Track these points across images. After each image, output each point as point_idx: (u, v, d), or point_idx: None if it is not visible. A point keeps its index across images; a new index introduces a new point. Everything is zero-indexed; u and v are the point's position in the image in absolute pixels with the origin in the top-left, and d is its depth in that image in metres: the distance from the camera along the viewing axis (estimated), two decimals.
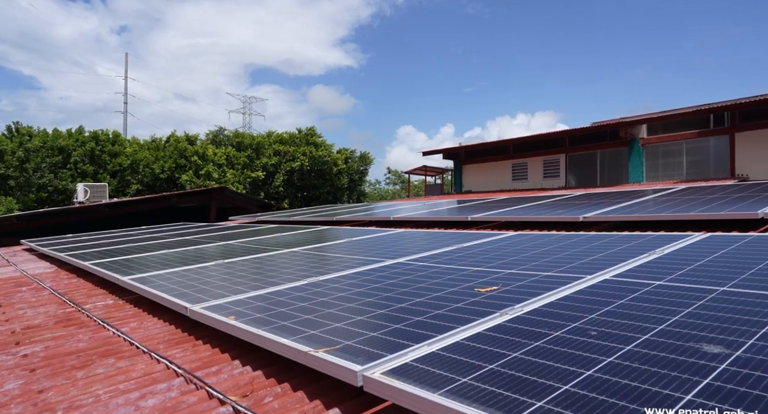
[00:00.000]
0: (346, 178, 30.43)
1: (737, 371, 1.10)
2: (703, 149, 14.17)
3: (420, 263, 2.92)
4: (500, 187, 17.91)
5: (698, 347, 1.26)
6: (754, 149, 12.73)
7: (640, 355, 1.25)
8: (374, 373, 1.27)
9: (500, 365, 1.27)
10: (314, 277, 2.71)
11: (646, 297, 1.76)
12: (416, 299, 2.03)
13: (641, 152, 15.01)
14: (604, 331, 1.45)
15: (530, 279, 2.23)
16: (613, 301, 1.74)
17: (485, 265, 2.68)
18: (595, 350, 1.31)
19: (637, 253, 2.59)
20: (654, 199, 5.17)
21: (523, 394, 1.09)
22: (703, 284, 1.85)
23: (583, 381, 1.13)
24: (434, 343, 1.47)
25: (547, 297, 1.89)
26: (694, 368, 1.14)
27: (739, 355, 1.19)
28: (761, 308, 1.51)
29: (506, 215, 5.12)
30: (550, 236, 3.51)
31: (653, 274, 2.08)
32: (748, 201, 4.01)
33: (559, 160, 16.81)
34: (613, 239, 3.13)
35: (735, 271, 1.98)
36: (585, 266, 2.40)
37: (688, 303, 1.64)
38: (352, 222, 7.27)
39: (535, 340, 1.42)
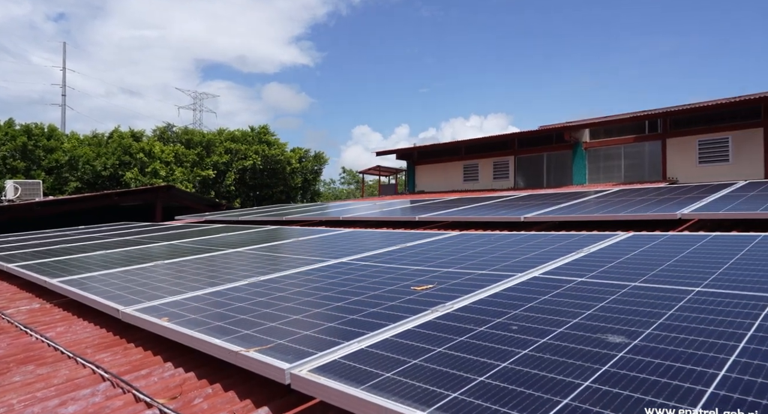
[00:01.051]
0: (299, 177, 30.09)
1: (632, 358, 1.21)
2: (639, 153, 15.01)
3: (363, 263, 2.96)
4: (452, 188, 18.26)
5: (603, 338, 1.37)
6: (683, 154, 13.63)
7: (552, 347, 1.34)
8: (301, 371, 1.30)
9: (424, 360, 1.32)
10: (255, 278, 2.69)
11: (567, 293, 1.87)
12: (353, 298, 2.07)
13: (584, 155, 15.73)
14: (525, 326, 1.54)
15: (465, 277, 2.32)
16: (537, 298, 1.85)
17: (425, 264, 2.76)
18: (513, 343, 1.39)
19: (566, 251, 2.74)
20: (590, 201, 5.46)
21: (440, 387, 1.15)
22: (619, 280, 1.99)
23: (498, 372, 1.20)
24: (364, 341, 1.51)
25: (478, 294, 1.97)
26: (596, 357, 1.24)
27: (636, 343, 1.30)
28: (662, 301, 1.65)
29: (453, 215, 5.25)
30: (490, 236, 3.65)
31: (577, 272, 2.22)
32: (671, 203, 4.31)
33: (509, 162, 17.35)
34: (547, 239, 3.29)
35: (647, 268, 2.14)
36: (518, 265, 2.51)
37: (602, 298, 1.76)
38: (302, 222, 7.23)
39: (460, 336, 1.49)
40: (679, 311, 1.54)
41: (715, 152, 13.12)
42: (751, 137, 12.46)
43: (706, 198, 4.37)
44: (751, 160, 12.45)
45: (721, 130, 12.98)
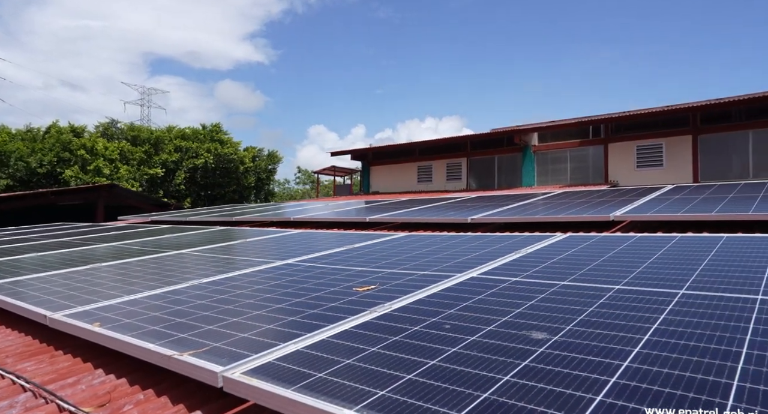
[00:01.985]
0: (253, 176, 29.50)
1: (551, 353, 1.29)
2: (583, 157, 15.71)
3: (309, 264, 2.96)
4: (406, 189, 18.45)
5: (528, 334, 1.45)
6: (623, 158, 14.38)
7: (480, 344, 1.40)
8: (234, 373, 1.30)
9: (357, 360, 1.35)
10: (197, 280, 2.64)
11: (501, 292, 1.96)
12: (295, 300, 2.08)
13: (533, 158, 16.29)
14: (457, 325, 1.60)
15: (407, 278, 2.37)
16: (472, 297, 1.92)
17: (371, 265, 2.79)
18: (444, 342, 1.45)
19: (506, 252, 2.85)
20: (535, 203, 5.68)
21: (370, 385, 1.18)
22: (549, 279, 2.10)
23: (427, 370, 1.25)
24: (301, 342, 1.53)
25: (417, 295, 2.03)
26: (519, 353, 1.31)
27: (556, 339, 1.39)
28: (585, 298, 1.76)
29: (403, 217, 5.32)
30: (436, 237, 3.73)
31: (513, 272, 2.32)
32: (606, 205, 4.56)
33: (461, 164, 17.71)
34: (490, 240, 3.40)
35: (577, 268, 2.27)
36: (459, 265, 2.59)
37: (532, 296, 1.86)
38: (252, 222, 7.11)
39: (394, 335, 1.53)
40: (598, 308, 1.64)
41: (650, 157, 13.92)
42: (681, 143, 13.32)
43: (637, 201, 4.65)
44: (682, 164, 13.31)
45: (656, 136, 13.79)
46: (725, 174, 12.88)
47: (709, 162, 13.13)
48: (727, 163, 12.87)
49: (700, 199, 4.35)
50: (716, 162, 13.01)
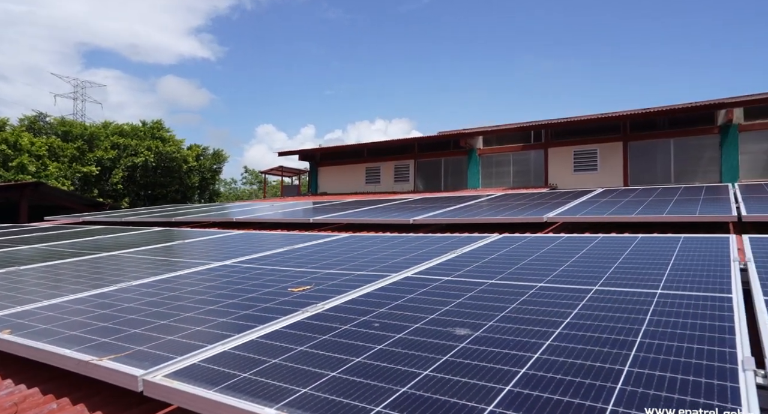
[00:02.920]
0: (197, 176, 28.47)
1: (470, 347, 1.35)
2: (525, 161, 16.33)
3: (247, 265, 2.92)
4: (354, 190, 18.46)
5: (451, 331, 1.51)
6: (561, 162, 15.08)
7: (405, 341, 1.45)
8: (156, 377, 1.27)
9: (284, 359, 1.36)
10: (127, 283, 2.54)
11: (432, 291, 2.02)
12: (228, 301, 2.05)
13: (478, 161, 16.76)
14: (386, 323, 1.64)
15: (344, 278, 2.39)
16: (404, 296, 1.97)
17: (309, 266, 2.80)
18: (371, 340, 1.48)
19: (442, 252, 2.94)
20: (476, 204, 5.86)
21: (293, 384, 1.20)
22: (480, 278, 2.19)
23: (351, 367, 1.28)
24: (229, 343, 1.52)
25: (351, 294, 2.06)
26: (441, 348, 1.37)
27: (477, 335, 1.46)
28: (509, 296, 1.85)
29: (347, 218, 5.34)
30: (377, 238, 3.78)
31: (447, 271, 2.39)
32: (541, 207, 4.78)
33: (409, 166, 17.94)
34: (429, 240, 3.49)
35: (506, 267, 2.38)
36: (396, 265, 2.65)
37: (461, 294, 1.93)
38: (193, 223, 6.89)
39: (324, 334, 1.55)
40: (520, 305, 1.74)
41: (586, 162, 14.69)
42: (613, 149, 14.14)
43: (569, 203, 4.91)
44: (614, 169, 14.13)
45: (591, 142, 14.57)
46: (651, 178, 13.80)
47: (638, 167, 14.02)
48: (652, 168, 13.80)
49: (624, 201, 4.65)
50: (643, 167, 13.92)
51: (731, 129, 12.37)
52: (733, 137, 12.43)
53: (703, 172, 13.16)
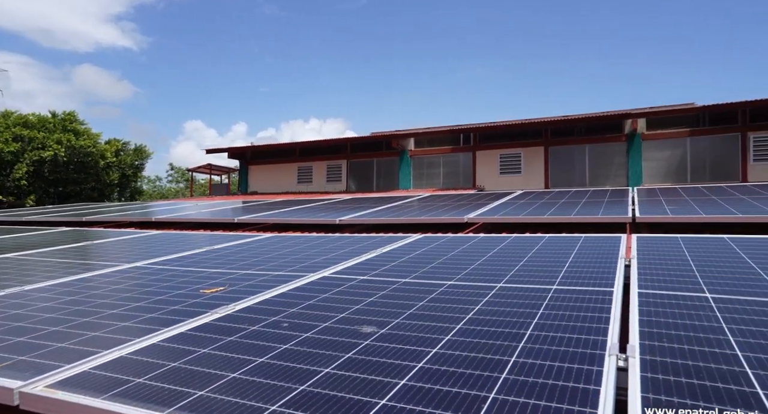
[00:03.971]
0: (116, 173, 26.66)
1: (373, 344, 1.39)
2: (455, 163, 16.85)
3: (160, 267, 2.80)
4: (286, 189, 18.16)
5: (359, 329, 1.55)
6: (488, 165, 15.73)
7: (311, 340, 1.46)
8: (36, 388, 1.19)
9: (185, 362, 1.33)
10: (17, 287, 2.35)
11: (347, 290, 2.05)
12: (133, 304, 1.96)
13: (409, 162, 17.06)
14: (296, 322, 1.64)
15: (260, 278, 2.36)
16: (318, 296, 1.98)
17: (227, 266, 2.73)
18: (278, 339, 1.48)
19: (362, 252, 2.98)
20: (403, 205, 5.97)
21: (190, 387, 1.17)
22: (394, 277, 2.24)
23: (253, 368, 1.27)
24: (127, 348, 1.45)
25: (265, 294, 2.04)
26: (345, 346, 1.39)
27: (383, 332, 1.50)
28: (419, 294, 1.92)
29: (274, 218, 5.25)
30: (300, 238, 3.76)
31: (364, 270, 2.43)
32: (464, 208, 4.97)
33: (342, 166, 17.92)
34: (352, 240, 3.52)
35: (421, 266, 2.46)
36: (315, 265, 2.65)
37: (374, 293, 1.97)
38: (107, 223, 6.47)
39: (230, 336, 1.53)
40: (428, 302, 1.81)
41: (511, 164, 15.43)
42: (536, 153, 14.97)
43: (490, 204, 5.14)
44: (536, 172, 14.96)
45: (516, 146, 15.32)
46: (569, 181, 14.76)
47: (557, 170, 14.94)
48: (570, 171, 14.76)
49: (539, 203, 4.94)
50: (562, 170, 14.85)
51: (636, 137, 13.50)
52: (638, 145, 13.57)
53: (613, 176, 14.25)
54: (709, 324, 1.35)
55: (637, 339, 1.28)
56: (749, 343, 1.20)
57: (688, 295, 1.62)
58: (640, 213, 3.71)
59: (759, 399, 0.94)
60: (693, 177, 13.20)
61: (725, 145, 12.79)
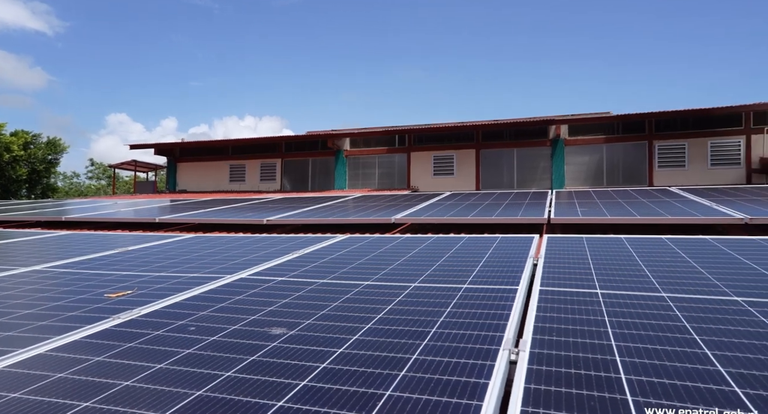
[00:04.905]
0: (25, 168, 24.49)
1: (280, 346, 1.38)
2: (390, 163, 17.03)
3: (62, 270, 2.61)
4: (218, 188, 17.55)
5: (268, 331, 1.53)
6: (422, 166, 16.05)
7: (217, 344, 1.43)
8: None
9: (73, 372, 1.25)
10: None
11: (262, 292, 2.02)
12: (23, 311, 1.81)
13: (345, 162, 17.04)
14: (204, 326, 1.60)
15: (174, 281, 2.27)
16: (231, 298, 1.93)
17: (139, 269, 2.59)
18: (182, 344, 1.43)
19: (285, 252, 2.94)
20: (334, 205, 5.95)
21: (74, 398, 1.10)
22: (312, 278, 2.23)
23: (150, 374, 1.22)
24: (7, 360, 1.34)
25: (176, 297, 1.96)
26: (251, 349, 1.37)
27: (292, 333, 1.49)
28: (334, 294, 1.93)
29: (199, 217, 5.05)
30: (222, 238, 3.65)
31: (283, 272, 2.40)
32: (394, 208, 5.04)
33: (276, 165, 17.57)
34: (276, 241, 3.46)
35: (342, 266, 2.47)
36: (235, 266, 2.58)
37: (289, 294, 1.96)
38: (8, 222, 5.93)
39: (129, 342, 1.46)
40: (343, 302, 1.82)
41: (444, 166, 15.84)
42: (468, 156, 15.47)
43: (419, 205, 5.25)
44: (468, 173, 15.46)
45: (449, 148, 15.74)
46: (498, 183, 15.40)
47: (488, 172, 15.53)
48: (500, 174, 15.39)
49: (465, 204, 5.11)
50: (493, 172, 15.46)
51: (559, 143, 14.32)
52: (560, 150, 14.40)
53: (539, 179, 15.03)
54: (594, 317, 1.46)
55: (530, 334, 1.36)
56: (623, 333, 1.32)
57: (582, 292, 1.75)
58: (554, 215, 3.95)
59: (621, 384, 1.03)
60: (608, 180, 14.22)
61: (635, 151, 13.88)
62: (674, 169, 13.44)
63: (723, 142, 13.01)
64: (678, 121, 13.42)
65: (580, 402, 0.98)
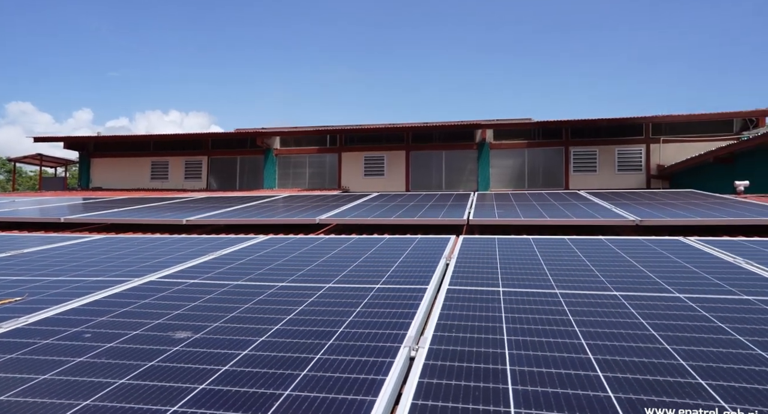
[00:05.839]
0: None
1: (183, 350, 1.35)
2: (321, 163, 16.92)
3: None
4: (137, 186, 16.56)
5: (172, 335, 1.48)
6: (353, 166, 16.10)
7: (113, 351, 1.36)
8: None
9: None
10: None
11: (171, 295, 1.95)
12: None
13: (275, 161, 16.70)
14: (101, 333, 1.52)
15: (73, 285, 2.13)
16: (136, 302, 1.85)
17: (34, 273, 2.40)
18: (72, 353, 1.35)
19: (201, 254, 2.85)
20: (259, 205, 5.83)
21: None
22: (227, 280, 2.19)
23: (31, 387, 1.14)
24: None
25: (73, 303, 1.84)
26: (151, 354, 1.33)
27: (197, 337, 1.46)
28: (247, 296, 1.90)
29: (112, 217, 4.75)
30: (135, 239, 3.47)
31: (197, 273, 2.33)
32: (320, 209, 5.03)
33: (202, 162, 16.88)
34: (194, 241, 3.34)
35: (259, 267, 2.44)
36: (145, 268, 2.46)
37: (199, 297, 1.91)
38: None
39: (11, 353, 1.36)
40: (255, 304, 1.80)
41: (375, 167, 15.98)
42: (398, 157, 15.72)
43: (345, 206, 5.27)
44: (398, 174, 15.72)
45: (379, 149, 15.91)
46: (428, 184, 15.79)
47: (418, 174, 15.87)
48: (429, 175, 15.79)
49: (391, 205, 5.20)
50: (422, 174, 15.82)
51: (485, 146, 14.94)
52: (486, 153, 15.03)
53: (465, 181, 15.58)
54: (492, 314, 1.56)
55: (432, 331, 1.43)
56: (515, 328, 1.42)
57: (486, 290, 1.85)
58: (473, 216, 4.13)
59: (505, 375, 1.11)
60: (530, 183, 15.05)
61: (553, 156, 14.80)
62: (587, 174, 14.48)
63: (628, 149, 14.21)
64: (591, 129, 14.46)
65: (467, 393, 1.04)
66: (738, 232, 3.59)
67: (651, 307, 1.60)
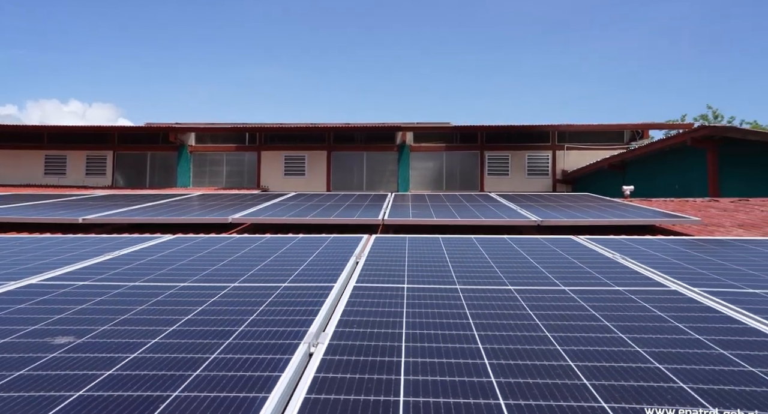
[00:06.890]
0: None
1: (63, 356, 1.25)
2: (239, 161, 16.37)
3: None
4: (28, 182, 15.00)
5: (50, 341, 1.37)
6: (273, 166, 15.75)
7: None
8: None
9: None
10: None
11: (55, 298, 1.79)
12: None
13: (189, 158, 15.90)
14: None
15: None
16: (9, 307, 1.68)
17: None
18: None
19: (96, 254, 2.65)
20: (168, 204, 5.52)
21: None
22: (122, 281, 2.05)
23: None
24: None
25: None
26: (23, 361, 1.22)
27: (80, 341, 1.36)
28: (144, 298, 1.80)
29: None
30: (18, 239, 3.15)
31: (88, 275, 2.16)
32: (234, 207, 4.86)
33: (107, 158, 15.68)
34: (90, 241, 3.09)
35: (160, 268, 2.31)
36: (24, 271, 2.24)
37: (88, 300, 1.77)
38: None
39: None
40: (152, 305, 1.71)
41: (296, 166, 15.76)
42: (319, 157, 15.63)
43: (260, 205, 5.14)
44: (319, 174, 15.61)
45: (300, 149, 15.71)
46: (349, 184, 15.84)
47: (339, 174, 15.87)
48: (350, 176, 15.85)
49: (307, 205, 5.16)
50: (343, 174, 15.84)
51: (405, 148, 15.28)
52: (406, 155, 15.37)
53: (386, 181, 15.82)
54: (395, 309, 1.61)
55: (334, 327, 1.44)
56: (414, 322, 1.48)
57: (391, 287, 1.90)
58: (388, 216, 4.21)
59: (399, 366, 1.16)
60: (448, 185, 15.61)
61: (470, 160, 15.47)
62: (500, 177, 15.31)
63: (537, 155, 15.22)
64: (504, 135, 15.31)
65: (360, 385, 1.07)
66: (621, 232, 3.98)
67: (539, 299, 1.73)
